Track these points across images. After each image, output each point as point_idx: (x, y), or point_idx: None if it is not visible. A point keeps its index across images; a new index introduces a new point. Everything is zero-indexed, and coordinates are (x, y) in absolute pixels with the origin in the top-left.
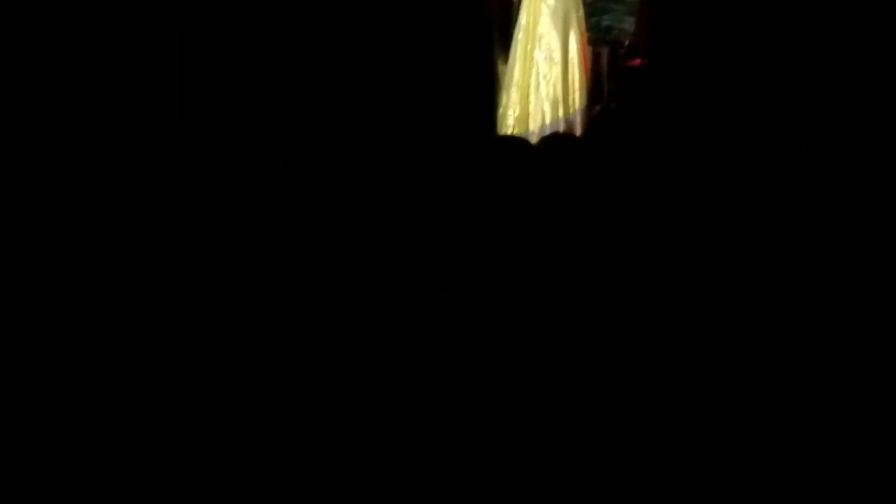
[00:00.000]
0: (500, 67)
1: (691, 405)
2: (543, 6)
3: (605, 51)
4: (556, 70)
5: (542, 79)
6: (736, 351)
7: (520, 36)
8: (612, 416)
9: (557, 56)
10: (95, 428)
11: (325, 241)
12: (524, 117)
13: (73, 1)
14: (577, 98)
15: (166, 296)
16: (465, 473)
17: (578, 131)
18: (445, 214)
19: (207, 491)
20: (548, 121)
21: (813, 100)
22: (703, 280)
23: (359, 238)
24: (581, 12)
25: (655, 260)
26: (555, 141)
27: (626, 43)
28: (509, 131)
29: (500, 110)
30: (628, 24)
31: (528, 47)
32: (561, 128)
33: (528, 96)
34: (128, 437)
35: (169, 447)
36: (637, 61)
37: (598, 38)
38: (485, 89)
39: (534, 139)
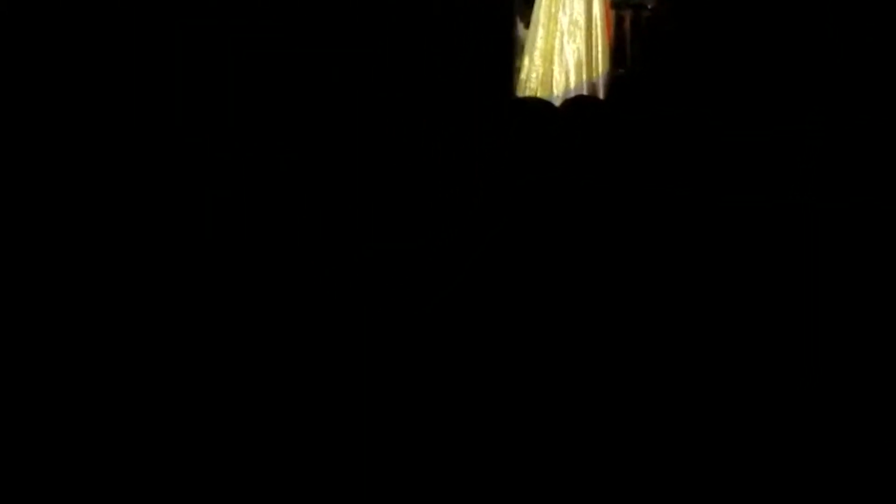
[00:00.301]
0: (522, 30)
1: (706, 383)
2: None
3: (628, 14)
4: (580, 33)
5: (565, 42)
6: (748, 328)
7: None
8: (626, 402)
9: (581, 19)
10: (95, 426)
11: (324, 241)
12: (547, 81)
13: (73, 1)
14: (600, 62)
15: (166, 294)
16: (466, 471)
17: (602, 95)
18: (446, 214)
19: (207, 488)
20: (571, 85)
21: (834, 78)
22: (716, 259)
23: (359, 237)
24: None
25: (670, 237)
26: (578, 104)
27: (650, 6)
28: (532, 94)
29: (523, 74)
30: None
31: (552, 10)
32: (584, 92)
33: (551, 59)
34: (128, 436)
35: (169, 445)
36: (663, 26)
37: (622, 1)
38: (502, 53)
39: (557, 103)
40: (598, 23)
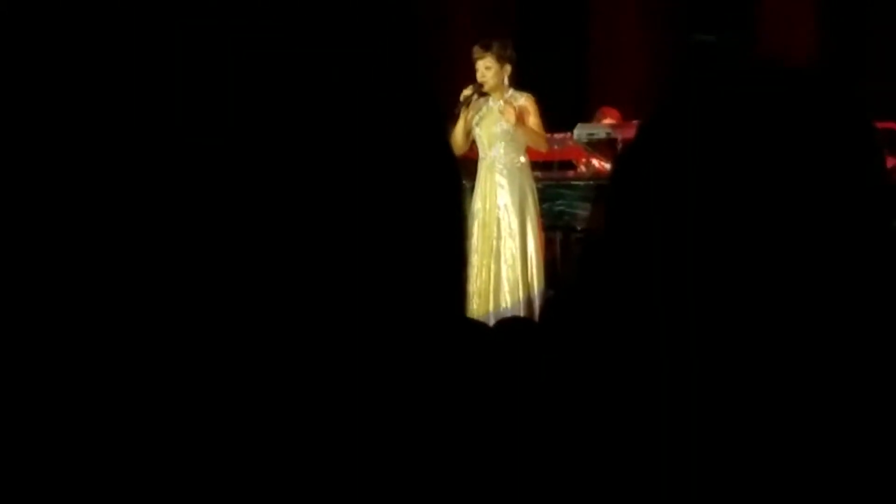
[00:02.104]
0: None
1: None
2: (497, 184)
3: (557, 236)
4: (515, 244)
5: (502, 252)
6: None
7: (478, 205)
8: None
9: (515, 228)
10: (95, 428)
11: (324, 242)
12: (485, 294)
13: (73, 1)
14: (535, 278)
15: (165, 296)
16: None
17: (537, 315)
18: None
19: (207, 490)
20: (509, 304)
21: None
22: None
23: (357, 240)
24: (535, 195)
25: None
26: (513, 326)
27: (580, 228)
28: (470, 310)
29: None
30: (582, 209)
31: (486, 218)
32: (521, 311)
33: (489, 269)
34: (127, 437)
35: (168, 447)
36: (594, 247)
37: (551, 223)
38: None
39: (492, 320)
40: (531, 239)
